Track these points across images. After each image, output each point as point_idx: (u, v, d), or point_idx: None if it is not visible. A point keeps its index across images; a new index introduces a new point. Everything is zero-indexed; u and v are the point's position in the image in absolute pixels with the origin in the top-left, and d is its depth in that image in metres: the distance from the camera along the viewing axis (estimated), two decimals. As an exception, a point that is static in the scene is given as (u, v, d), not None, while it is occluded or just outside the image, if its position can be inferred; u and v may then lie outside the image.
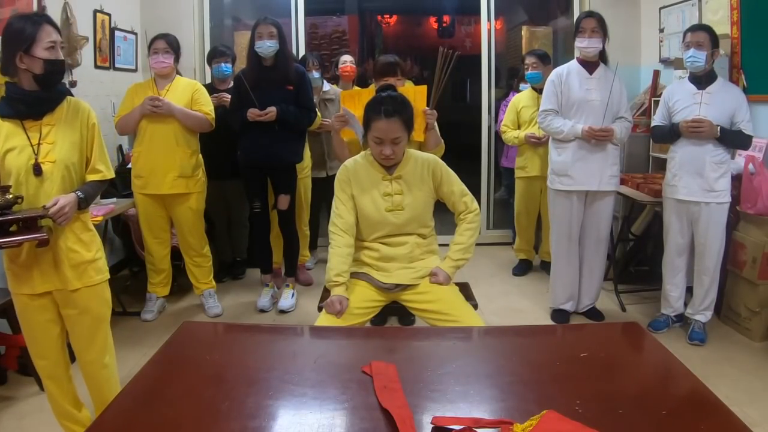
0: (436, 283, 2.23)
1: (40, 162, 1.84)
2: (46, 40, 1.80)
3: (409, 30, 8.31)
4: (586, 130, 3.00)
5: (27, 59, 1.79)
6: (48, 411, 2.40)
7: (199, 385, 1.19)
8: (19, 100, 1.83)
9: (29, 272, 1.90)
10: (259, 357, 1.35)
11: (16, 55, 1.78)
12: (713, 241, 2.91)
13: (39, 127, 1.86)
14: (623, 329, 1.60)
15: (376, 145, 2.17)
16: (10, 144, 1.82)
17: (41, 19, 1.83)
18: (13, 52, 1.78)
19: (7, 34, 1.79)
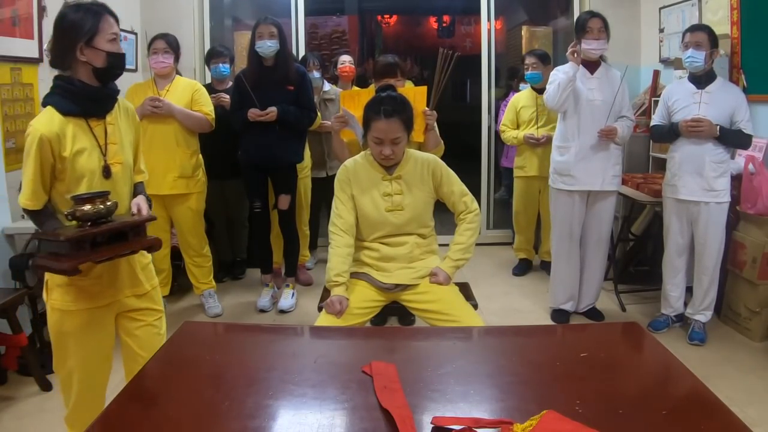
0: (436, 283, 2.23)
1: (109, 164, 1.74)
2: (108, 32, 1.69)
3: (409, 30, 8.31)
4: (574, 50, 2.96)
5: (88, 51, 1.66)
6: (48, 411, 2.41)
7: (199, 385, 1.19)
8: (86, 96, 1.69)
9: (99, 283, 1.76)
10: (259, 357, 1.35)
11: (77, 46, 1.65)
12: (713, 241, 2.91)
13: (103, 126, 1.74)
14: (623, 329, 1.60)
15: (375, 145, 2.17)
16: (80, 145, 1.68)
17: (102, 9, 1.71)
18: (73, 43, 1.65)
19: (67, 24, 1.66)
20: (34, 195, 1.67)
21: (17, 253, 2.82)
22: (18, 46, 3.05)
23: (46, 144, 1.61)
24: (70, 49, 1.66)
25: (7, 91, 2.98)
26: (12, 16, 3.01)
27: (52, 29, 1.70)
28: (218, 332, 1.50)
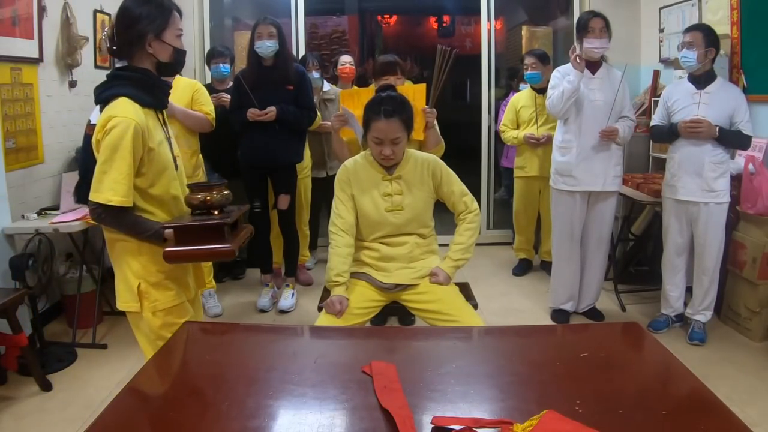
0: (436, 283, 2.23)
1: (175, 155, 1.77)
2: (176, 27, 1.69)
3: (409, 30, 8.31)
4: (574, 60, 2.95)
5: (156, 44, 1.66)
6: (48, 411, 2.41)
7: (199, 385, 1.19)
8: (160, 88, 1.72)
9: (186, 275, 1.81)
10: (259, 357, 1.35)
11: (147, 38, 1.64)
12: (712, 241, 2.91)
13: (164, 119, 1.77)
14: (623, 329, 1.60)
15: (375, 145, 2.17)
16: (159, 136, 1.69)
17: (172, 5, 1.70)
18: (143, 34, 1.63)
19: (137, 15, 1.63)
20: (130, 190, 1.60)
21: (17, 253, 2.82)
22: (18, 46, 3.05)
23: (139, 134, 1.59)
24: (138, 41, 1.63)
25: (7, 91, 2.98)
26: (12, 16, 3.01)
27: (118, 18, 1.65)
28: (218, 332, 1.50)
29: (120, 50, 1.67)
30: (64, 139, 3.52)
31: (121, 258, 1.69)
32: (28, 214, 2.96)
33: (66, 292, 3.21)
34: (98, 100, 1.65)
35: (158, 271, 1.69)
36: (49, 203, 3.23)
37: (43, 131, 3.29)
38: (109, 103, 1.62)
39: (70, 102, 3.60)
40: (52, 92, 3.40)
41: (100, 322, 3.24)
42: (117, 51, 1.67)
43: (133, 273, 1.68)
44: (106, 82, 1.67)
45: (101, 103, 1.65)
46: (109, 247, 1.73)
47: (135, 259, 1.68)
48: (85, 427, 1.01)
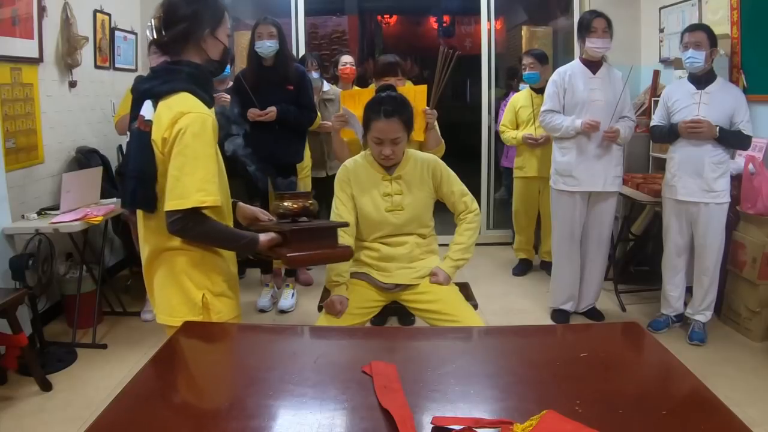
0: (436, 283, 2.23)
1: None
2: (227, 26, 1.62)
3: (409, 30, 8.30)
4: (586, 123, 2.98)
5: (210, 41, 1.58)
6: (48, 411, 2.41)
7: (199, 385, 1.19)
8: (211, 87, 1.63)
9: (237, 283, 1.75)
10: (259, 357, 1.35)
11: (204, 33, 1.55)
12: (712, 242, 2.91)
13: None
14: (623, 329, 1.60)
15: (375, 145, 2.17)
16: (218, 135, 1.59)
17: (223, 4, 1.62)
18: (200, 29, 1.55)
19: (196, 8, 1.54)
20: (217, 189, 1.49)
21: (17, 253, 2.82)
22: (18, 46, 3.05)
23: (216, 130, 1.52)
24: (193, 36, 1.55)
25: (7, 91, 2.98)
26: (12, 16, 3.01)
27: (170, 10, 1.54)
28: (218, 332, 1.50)
29: (170, 44, 1.55)
30: (64, 139, 3.52)
31: (180, 270, 1.57)
32: (28, 214, 2.96)
33: (66, 292, 3.21)
34: (151, 94, 1.51)
35: (223, 280, 1.62)
36: (49, 203, 3.23)
37: (43, 131, 3.29)
38: (164, 98, 1.50)
39: (70, 102, 3.60)
40: (52, 92, 3.40)
41: (100, 322, 3.24)
42: (166, 44, 1.55)
43: (195, 284, 1.57)
44: (156, 76, 1.54)
45: (153, 98, 1.51)
46: (161, 261, 1.58)
47: (198, 269, 1.57)
48: (85, 427, 1.01)
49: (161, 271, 1.59)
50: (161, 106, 1.49)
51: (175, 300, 1.58)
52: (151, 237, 1.59)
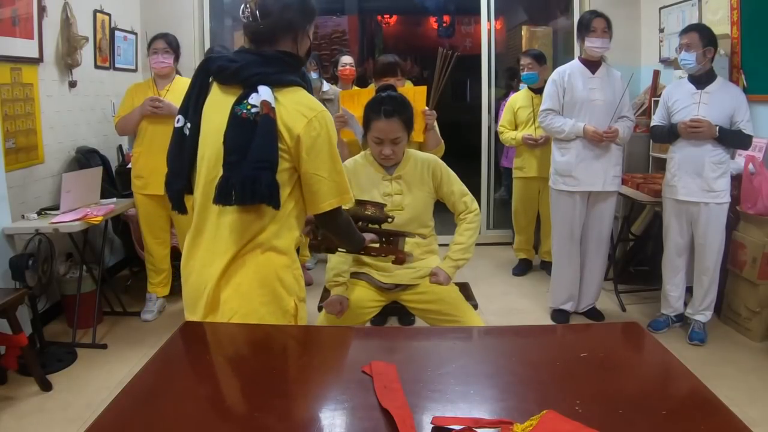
0: (436, 283, 2.23)
1: None
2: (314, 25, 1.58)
3: (409, 30, 8.30)
4: (590, 132, 2.99)
5: (303, 37, 1.52)
6: (48, 411, 2.41)
7: (199, 385, 1.19)
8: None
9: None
10: (259, 357, 1.35)
11: (305, 25, 1.51)
12: (712, 241, 2.91)
13: None
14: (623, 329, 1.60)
15: (376, 145, 2.17)
16: None
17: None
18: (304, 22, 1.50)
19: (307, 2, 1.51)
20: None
21: (17, 253, 2.82)
22: (18, 46, 3.05)
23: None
24: (294, 28, 1.49)
25: (7, 91, 2.98)
26: (12, 16, 3.01)
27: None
28: (218, 332, 1.50)
29: (267, 33, 1.46)
30: (64, 139, 3.52)
31: (273, 274, 1.48)
32: (28, 214, 2.96)
33: (66, 292, 3.21)
34: (268, 81, 1.43)
35: (303, 286, 1.58)
36: (49, 203, 3.23)
37: (43, 131, 3.29)
38: (282, 88, 1.44)
39: (70, 102, 3.60)
40: (52, 92, 3.41)
41: (100, 322, 3.25)
42: (262, 32, 1.46)
43: (287, 290, 1.50)
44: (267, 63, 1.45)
45: (270, 85, 1.42)
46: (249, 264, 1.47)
47: (290, 274, 1.51)
48: (85, 427, 1.01)
49: (245, 276, 1.47)
50: (282, 97, 1.43)
51: (264, 308, 1.48)
52: (238, 238, 1.45)
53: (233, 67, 1.45)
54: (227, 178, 1.39)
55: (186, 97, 1.53)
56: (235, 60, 1.46)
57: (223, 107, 1.44)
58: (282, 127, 1.41)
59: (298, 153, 1.42)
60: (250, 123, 1.38)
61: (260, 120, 1.38)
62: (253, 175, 1.36)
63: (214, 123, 1.46)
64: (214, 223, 1.48)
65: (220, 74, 1.48)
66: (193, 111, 1.51)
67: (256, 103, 1.39)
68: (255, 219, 1.45)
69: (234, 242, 1.45)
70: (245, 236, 1.45)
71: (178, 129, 1.53)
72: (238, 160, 1.38)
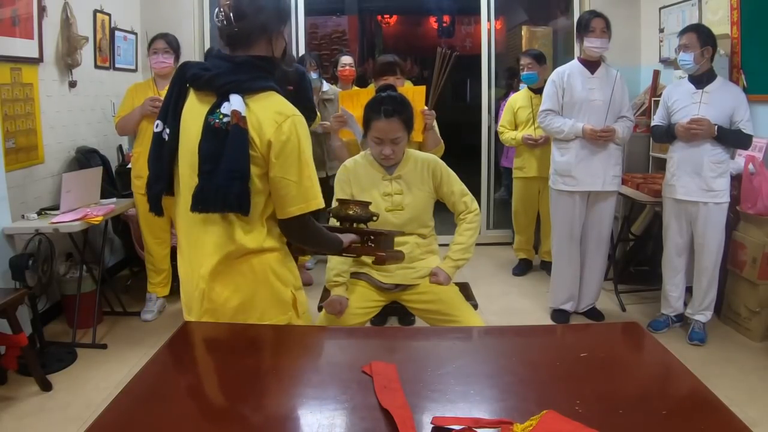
0: (436, 283, 2.23)
1: None
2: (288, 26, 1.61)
3: (409, 30, 8.30)
4: (588, 131, 3.00)
5: (278, 38, 1.52)
6: (48, 411, 2.41)
7: (199, 385, 1.19)
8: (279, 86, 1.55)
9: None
10: (258, 357, 1.35)
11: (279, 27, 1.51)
12: (711, 241, 2.91)
13: None
14: (623, 329, 1.60)
15: (375, 145, 2.17)
16: None
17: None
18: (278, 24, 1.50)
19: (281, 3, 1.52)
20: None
21: (17, 253, 2.82)
22: (18, 46, 3.05)
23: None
24: (268, 30, 1.48)
25: (7, 91, 2.98)
26: (12, 16, 3.01)
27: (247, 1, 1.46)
28: (218, 332, 1.50)
29: (242, 36, 1.46)
30: (64, 139, 3.52)
31: (266, 271, 1.53)
32: (28, 214, 2.96)
33: (66, 292, 3.21)
34: (240, 89, 1.43)
35: (297, 275, 1.63)
36: (49, 203, 3.23)
37: (43, 131, 3.29)
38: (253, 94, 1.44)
39: (70, 102, 3.60)
40: (52, 92, 3.40)
41: (100, 322, 3.24)
42: (237, 35, 1.46)
43: (283, 282, 1.56)
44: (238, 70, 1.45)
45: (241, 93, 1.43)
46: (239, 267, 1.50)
47: (284, 266, 1.57)
48: (85, 427, 1.01)
49: (240, 277, 1.51)
50: (253, 104, 1.43)
51: (264, 303, 1.53)
52: (225, 242, 1.48)
53: (207, 76, 1.46)
54: (201, 188, 1.42)
55: (165, 103, 1.55)
56: (208, 68, 1.48)
57: (199, 115, 1.46)
58: (253, 134, 1.42)
59: (269, 158, 1.44)
60: (223, 132, 1.40)
61: (231, 129, 1.39)
62: (225, 185, 1.39)
63: (191, 131, 1.48)
64: (201, 227, 1.50)
65: (195, 82, 1.50)
66: (172, 117, 1.52)
67: (227, 113, 1.40)
68: (240, 223, 1.47)
69: (222, 245, 1.48)
70: (233, 239, 1.48)
71: (157, 134, 1.53)
72: (211, 170, 1.41)
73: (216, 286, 1.50)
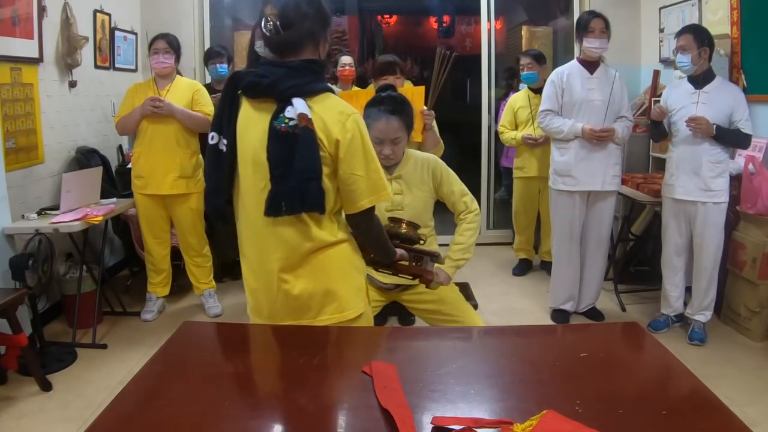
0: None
1: None
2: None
3: (409, 30, 8.30)
4: (588, 131, 3.01)
5: (323, 42, 1.55)
6: (48, 411, 2.41)
7: (199, 385, 1.19)
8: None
9: None
10: (259, 357, 1.35)
11: (326, 32, 1.54)
12: (710, 241, 2.91)
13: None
14: (623, 329, 1.60)
15: (375, 145, 2.16)
16: None
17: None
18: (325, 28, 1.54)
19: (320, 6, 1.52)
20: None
21: (17, 253, 2.82)
22: (18, 46, 3.05)
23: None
24: (317, 35, 1.52)
25: (7, 91, 2.98)
26: (12, 16, 3.01)
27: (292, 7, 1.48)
28: (218, 332, 1.50)
29: (290, 43, 1.49)
30: (64, 139, 3.52)
31: (346, 260, 1.58)
32: (28, 214, 2.96)
33: (66, 292, 3.21)
34: (302, 92, 1.47)
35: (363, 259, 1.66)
36: (49, 203, 3.24)
37: (43, 131, 3.29)
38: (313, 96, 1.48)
39: (70, 102, 3.60)
40: (52, 92, 3.41)
41: (100, 322, 3.25)
42: (285, 43, 1.50)
43: (358, 270, 1.61)
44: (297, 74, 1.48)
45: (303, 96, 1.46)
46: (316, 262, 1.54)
47: (357, 254, 1.62)
48: (85, 427, 1.01)
49: (321, 271, 1.54)
50: (315, 105, 1.47)
51: (347, 293, 1.57)
52: (300, 241, 1.51)
53: (265, 83, 1.48)
54: (276, 192, 1.45)
55: (218, 114, 1.57)
56: (265, 75, 1.49)
57: (258, 122, 1.49)
58: (321, 135, 1.46)
59: (338, 156, 1.48)
60: (290, 136, 1.43)
61: (300, 132, 1.43)
62: (301, 186, 1.44)
63: (251, 138, 1.50)
64: (271, 230, 1.52)
65: (251, 90, 1.52)
66: (227, 127, 1.53)
67: (292, 116, 1.43)
68: (312, 221, 1.51)
69: (298, 244, 1.52)
70: (308, 237, 1.51)
71: (213, 146, 1.55)
72: (283, 173, 1.45)
73: (299, 284, 1.53)
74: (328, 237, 1.53)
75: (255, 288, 1.60)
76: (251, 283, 1.61)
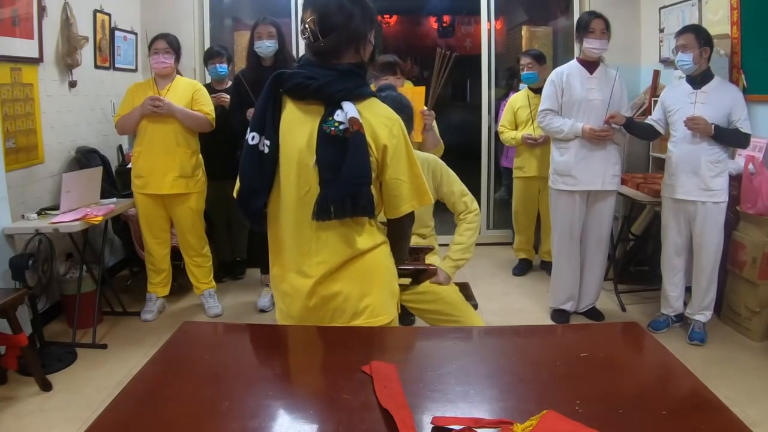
0: (436, 283, 2.23)
1: None
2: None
3: (409, 30, 8.29)
4: (588, 131, 3.01)
5: (366, 45, 1.52)
6: (48, 411, 2.41)
7: (199, 385, 1.19)
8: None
9: None
10: (259, 357, 1.35)
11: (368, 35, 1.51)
12: (710, 241, 2.91)
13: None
14: (623, 329, 1.60)
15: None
16: None
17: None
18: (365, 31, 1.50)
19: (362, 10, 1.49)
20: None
21: (17, 253, 2.82)
22: (18, 46, 3.05)
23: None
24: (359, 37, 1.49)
25: (7, 91, 2.98)
26: (12, 16, 3.01)
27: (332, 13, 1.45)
28: (218, 332, 1.50)
29: (331, 49, 1.47)
30: (64, 139, 3.52)
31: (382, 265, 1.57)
32: (28, 214, 2.96)
33: (66, 292, 3.21)
34: (352, 96, 1.45)
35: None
36: (49, 203, 3.24)
37: (43, 131, 3.29)
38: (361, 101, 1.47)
39: (70, 102, 3.60)
40: (52, 92, 3.41)
41: (100, 322, 3.24)
42: (326, 50, 1.47)
43: (392, 274, 1.59)
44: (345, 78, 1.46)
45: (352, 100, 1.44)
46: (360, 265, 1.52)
47: (390, 259, 1.60)
48: (85, 427, 1.01)
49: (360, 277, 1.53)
50: (363, 110, 1.45)
51: (382, 298, 1.56)
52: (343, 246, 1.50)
53: (314, 85, 1.45)
54: (325, 195, 1.43)
55: (259, 114, 1.52)
56: (314, 77, 1.46)
57: (305, 124, 1.47)
58: (369, 140, 1.45)
59: (384, 161, 1.48)
60: (340, 140, 1.41)
61: (351, 137, 1.41)
62: (352, 191, 1.42)
63: (296, 140, 1.48)
64: (313, 234, 1.49)
65: (299, 92, 1.49)
66: (270, 128, 1.50)
67: (342, 120, 1.41)
68: (355, 226, 1.50)
69: (341, 249, 1.50)
70: (352, 241, 1.50)
71: (253, 146, 1.50)
72: (333, 177, 1.42)
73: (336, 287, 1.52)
74: (368, 241, 1.53)
75: (288, 292, 1.56)
76: (284, 287, 1.57)
